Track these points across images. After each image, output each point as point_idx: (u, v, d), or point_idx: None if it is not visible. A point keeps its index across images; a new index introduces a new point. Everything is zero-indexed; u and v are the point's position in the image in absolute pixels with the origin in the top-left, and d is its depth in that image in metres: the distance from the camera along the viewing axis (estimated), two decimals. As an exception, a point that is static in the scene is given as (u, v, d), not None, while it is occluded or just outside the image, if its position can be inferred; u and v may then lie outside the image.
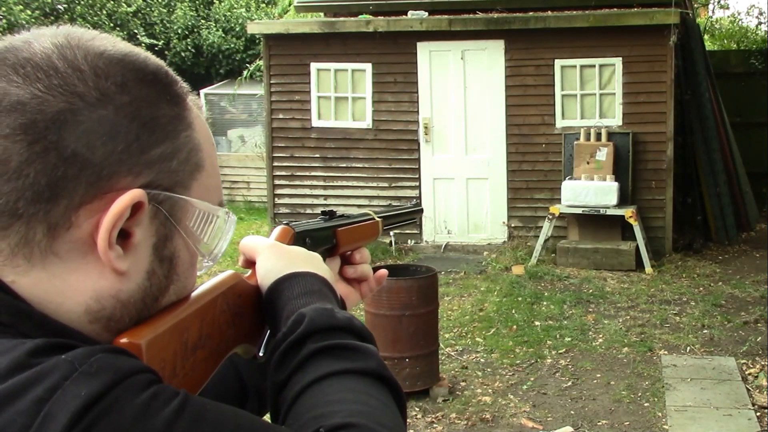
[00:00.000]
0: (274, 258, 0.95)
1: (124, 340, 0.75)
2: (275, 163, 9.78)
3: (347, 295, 1.14)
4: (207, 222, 0.84)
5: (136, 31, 12.77)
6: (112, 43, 0.79)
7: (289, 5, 13.71)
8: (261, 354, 0.90)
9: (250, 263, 1.00)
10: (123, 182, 0.74)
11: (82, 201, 0.73)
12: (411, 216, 1.40)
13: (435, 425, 4.92)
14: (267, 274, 0.94)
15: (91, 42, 0.77)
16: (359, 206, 9.42)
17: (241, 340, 0.89)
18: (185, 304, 0.83)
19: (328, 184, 9.61)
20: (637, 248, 8.32)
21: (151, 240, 0.78)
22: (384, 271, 1.18)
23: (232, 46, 13.26)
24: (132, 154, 0.75)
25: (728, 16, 17.33)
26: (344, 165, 9.46)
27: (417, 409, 5.12)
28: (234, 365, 1.07)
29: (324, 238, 1.10)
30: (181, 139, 0.80)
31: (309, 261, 0.95)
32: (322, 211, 1.14)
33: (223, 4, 13.79)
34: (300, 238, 1.04)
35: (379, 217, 1.24)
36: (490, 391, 5.41)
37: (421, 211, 1.44)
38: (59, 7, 11.68)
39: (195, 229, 0.82)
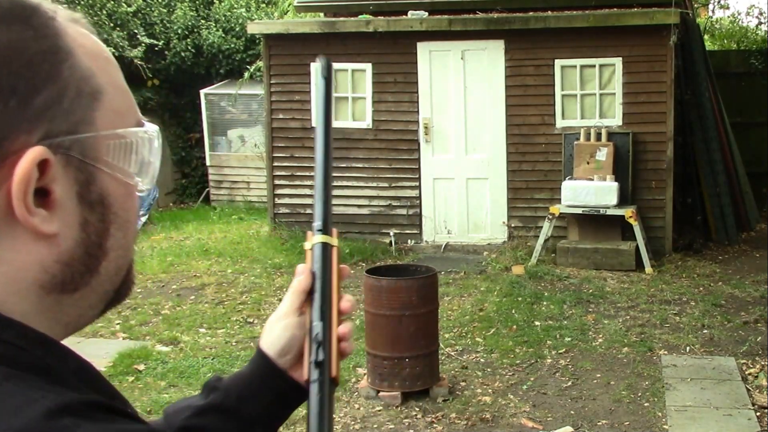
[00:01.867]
0: None
1: None
2: (275, 163, 9.78)
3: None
4: (127, 148, 0.77)
5: (136, 31, 12.75)
6: None
7: (289, 5, 13.71)
8: None
9: None
10: (18, 143, 0.69)
11: None
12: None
13: (435, 425, 4.92)
14: None
15: None
16: (359, 206, 9.43)
17: None
18: None
19: (328, 184, 9.59)
20: (637, 248, 8.32)
21: (73, 190, 0.73)
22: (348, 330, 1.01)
23: (232, 46, 13.24)
24: (15, 112, 0.69)
25: (728, 16, 17.32)
26: (344, 165, 9.45)
27: (417, 409, 5.12)
28: None
29: None
30: (65, 72, 0.72)
31: None
32: (313, 363, 0.94)
33: (223, 4, 13.78)
34: None
35: (335, 238, 1.03)
36: (490, 391, 5.41)
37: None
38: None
39: (117, 159, 0.76)
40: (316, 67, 1.08)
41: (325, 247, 1.01)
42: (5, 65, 0.69)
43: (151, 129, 0.82)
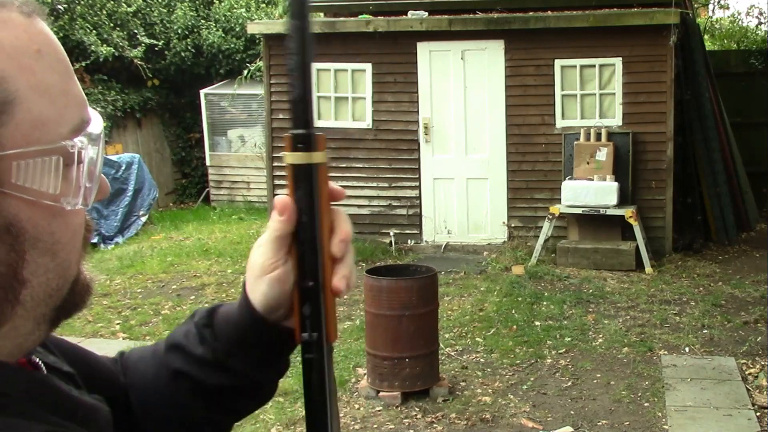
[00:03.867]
0: None
1: None
2: (275, 163, 9.78)
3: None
4: (46, 166, 0.65)
5: (136, 31, 12.75)
6: None
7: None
8: None
9: None
10: None
11: None
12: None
13: (435, 425, 4.92)
14: None
15: None
16: (359, 206, 9.43)
17: None
18: None
19: (328, 184, 9.60)
20: (637, 248, 8.32)
21: None
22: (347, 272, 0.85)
23: (232, 46, 13.25)
24: None
25: (728, 16, 17.32)
26: (344, 165, 9.45)
27: (417, 409, 5.12)
28: (203, 398, 0.94)
29: None
30: None
31: None
32: (304, 344, 0.82)
33: (223, 4, 13.78)
34: None
35: (322, 154, 0.83)
36: (490, 391, 5.41)
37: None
38: (59, 7, 11.67)
39: (29, 181, 0.64)
40: None
41: (309, 171, 0.80)
42: None
43: (86, 139, 0.69)
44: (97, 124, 0.71)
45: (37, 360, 0.78)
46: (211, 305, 0.99)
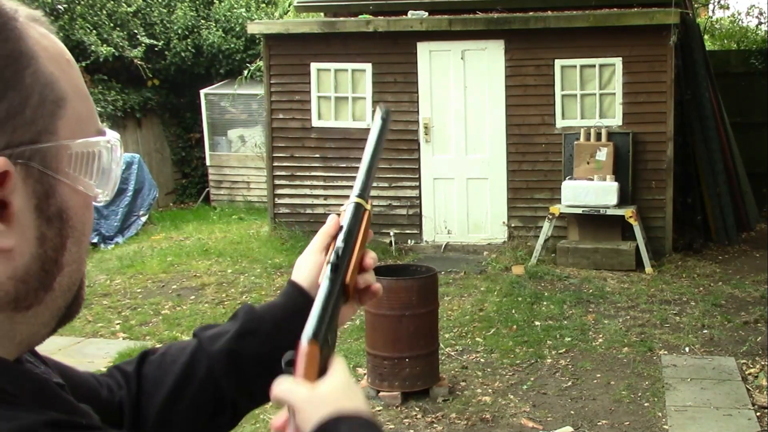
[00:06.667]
0: (316, 411, 0.83)
1: None
2: (275, 163, 9.78)
3: (346, 307, 1.07)
4: (89, 158, 0.74)
5: (136, 31, 12.75)
6: None
7: (289, 5, 13.71)
8: None
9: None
10: None
11: None
12: (381, 141, 1.27)
13: (435, 425, 4.92)
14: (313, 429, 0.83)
15: None
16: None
17: None
18: None
19: (328, 184, 9.61)
20: (637, 248, 8.32)
21: (31, 202, 0.69)
22: (379, 286, 1.08)
23: (232, 46, 13.25)
24: None
25: (728, 16, 17.32)
26: (344, 165, 9.46)
27: (417, 409, 5.12)
28: (214, 378, 1.01)
29: (337, 306, 0.99)
30: (27, 79, 0.69)
31: (348, 397, 0.84)
32: (331, 264, 0.99)
33: (223, 4, 13.78)
34: (323, 344, 0.92)
35: (364, 200, 1.12)
36: (490, 391, 5.41)
37: (388, 119, 1.30)
38: (59, 7, 11.67)
39: (77, 170, 0.73)
40: (379, 110, 1.26)
41: (358, 207, 1.10)
42: None
43: (113, 137, 0.78)
44: (111, 132, 0.80)
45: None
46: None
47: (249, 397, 1.05)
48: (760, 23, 15.90)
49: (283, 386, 0.85)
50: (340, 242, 1.03)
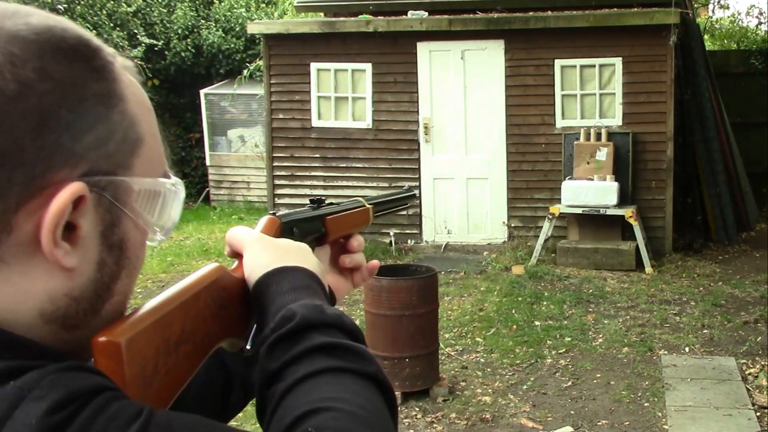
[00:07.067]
0: (262, 251, 0.90)
1: (102, 339, 0.73)
2: (275, 163, 9.78)
3: (339, 286, 1.11)
4: (154, 197, 0.79)
5: (136, 31, 12.76)
6: (25, 18, 0.71)
7: (289, 5, 13.71)
8: (248, 347, 0.87)
9: (237, 255, 0.94)
10: (60, 175, 0.70)
11: (18, 203, 0.68)
12: (403, 202, 1.36)
13: (435, 425, 4.92)
14: (255, 268, 0.88)
15: (1, 23, 0.70)
16: (359, 206, 9.41)
17: (227, 333, 0.86)
18: (167, 299, 0.80)
19: (328, 184, 9.61)
20: (637, 248, 8.32)
21: (98, 229, 0.74)
22: (376, 262, 1.15)
23: (232, 46, 13.25)
24: (64, 145, 0.70)
25: (728, 16, 17.32)
26: (344, 165, 9.46)
27: (417, 409, 5.12)
28: (219, 355, 1.03)
29: (312, 227, 1.07)
30: (115, 116, 0.74)
31: (298, 254, 0.91)
32: (310, 199, 1.12)
33: (223, 4, 13.78)
34: (287, 229, 1.01)
35: (369, 204, 1.21)
36: (490, 391, 5.41)
37: (414, 196, 1.40)
38: (59, 7, 11.67)
39: (142, 207, 0.78)
40: (408, 188, 1.39)
41: (359, 201, 1.19)
42: (65, 101, 0.70)
43: (178, 182, 0.84)
44: (176, 178, 0.85)
45: None
46: None
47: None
48: (760, 23, 15.91)
49: (235, 229, 0.94)
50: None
